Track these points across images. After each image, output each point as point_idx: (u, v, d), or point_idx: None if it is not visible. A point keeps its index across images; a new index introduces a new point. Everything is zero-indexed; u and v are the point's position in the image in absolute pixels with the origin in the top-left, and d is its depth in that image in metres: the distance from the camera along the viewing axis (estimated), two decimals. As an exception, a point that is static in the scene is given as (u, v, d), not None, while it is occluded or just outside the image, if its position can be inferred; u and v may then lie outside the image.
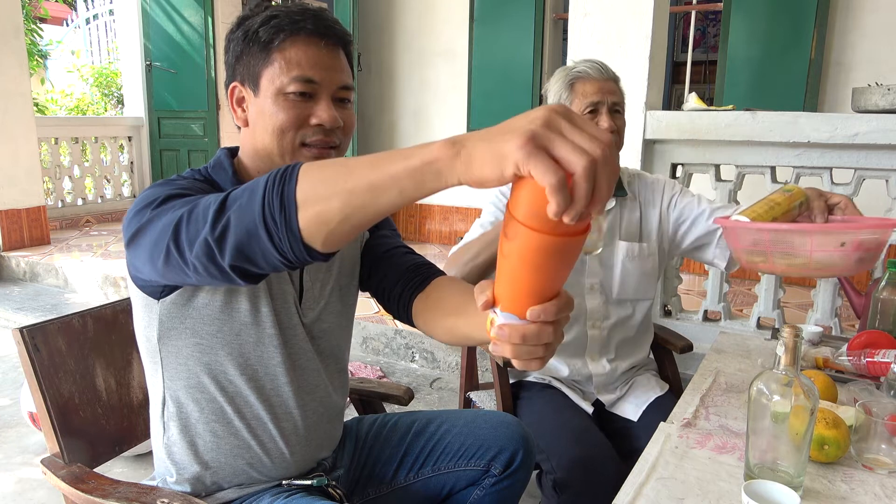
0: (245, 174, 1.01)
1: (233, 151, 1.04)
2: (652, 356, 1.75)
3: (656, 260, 1.61)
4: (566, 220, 0.52)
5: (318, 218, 0.64)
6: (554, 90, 1.51)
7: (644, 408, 1.55)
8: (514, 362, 0.66)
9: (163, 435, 1.06)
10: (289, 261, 0.69)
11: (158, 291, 0.95)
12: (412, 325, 1.08)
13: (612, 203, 1.57)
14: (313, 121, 0.94)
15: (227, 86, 1.01)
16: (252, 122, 0.97)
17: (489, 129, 0.56)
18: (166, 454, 1.06)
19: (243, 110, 0.99)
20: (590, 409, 1.53)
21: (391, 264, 1.13)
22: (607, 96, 1.45)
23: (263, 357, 1.02)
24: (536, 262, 0.59)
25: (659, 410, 1.48)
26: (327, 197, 0.63)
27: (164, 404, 1.04)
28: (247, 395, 1.02)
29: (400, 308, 1.08)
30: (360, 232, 0.69)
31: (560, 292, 0.63)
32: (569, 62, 1.54)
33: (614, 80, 1.49)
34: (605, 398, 1.59)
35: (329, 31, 0.95)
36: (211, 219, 0.71)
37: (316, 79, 0.94)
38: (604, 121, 1.44)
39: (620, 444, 1.52)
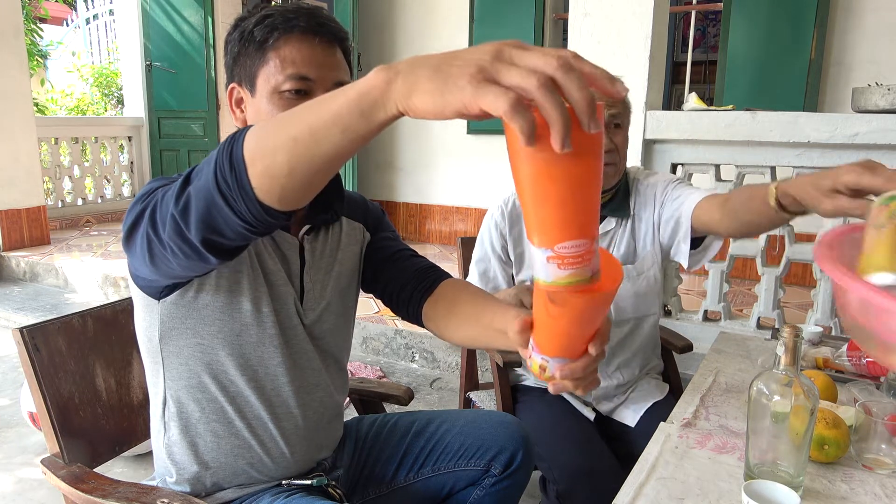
0: None
1: None
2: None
3: (652, 275, 1.54)
4: (557, 147, 0.47)
5: (267, 172, 0.63)
6: None
7: (642, 413, 1.54)
8: (578, 391, 0.71)
9: (163, 435, 1.05)
10: (250, 224, 0.67)
11: (158, 292, 0.95)
12: (420, 325, 1.10)
13: (611, 224, 1.50)
14: None
15: (227, 87, 1.01)
16: (250, 122, 0.97)
17: (430, 56, 0.53)
18: (166, 454, 1.06)
19: (242, 111, 0.99)
20: (591, 416, 1.52)
21: (398, 268, 1.14)
22: (605, 109, 1.35)
23: (264, 357, 1.02)
24: (585, 318, 0.63)
25: (657, 415, 1.47)
26: (273, 149, 0.62)
27: (164, 404, 1.04)
28: (247, 396, 1.02)
29: (410, 311, 1.10)
30: (316, 187, 0.65)
31: None
32: None
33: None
34: (604, 407, 1.57)
35: (323, 28, 0.94)
36: (175, 194, 0.71)
37: (311, 76, 0.93)
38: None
39: (618, 448, 1.51)
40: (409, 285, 1.10)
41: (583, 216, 0.54)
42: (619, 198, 1.50)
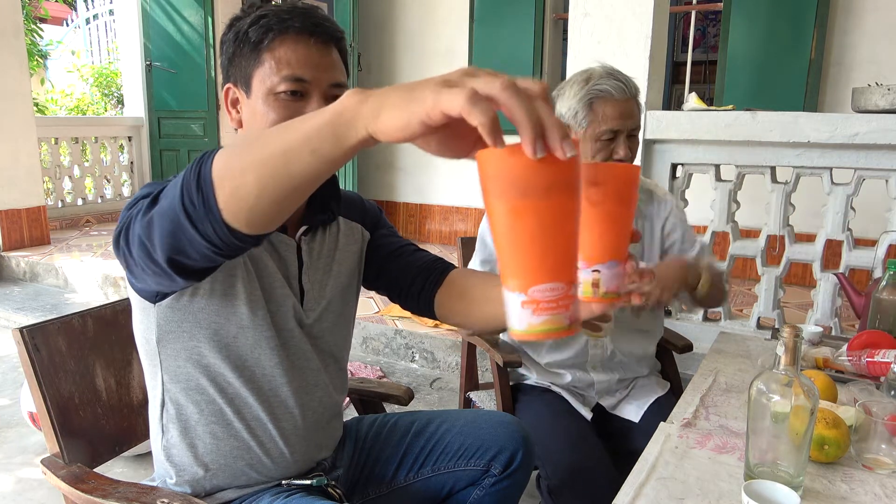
0: None
1: None
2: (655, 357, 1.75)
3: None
4: (529, 152, 0.47)
5: (235, 193, 0.62)
6: (569, 104, 1.39)
7: (645, 409, 1.54)
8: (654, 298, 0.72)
9: (162, 437, 1.05)
10: (216, 246, 0.66)
11: (154, 295, 0.95)
12: (433, 317, 1.11)
13: None
14: None
15: (222, 87, 1.00)
16: (246, 124, 0.97)
17: (405, 83, 0.54)
18: (165, 456, 1.06)
19: (237, 111, 0.99)
20: (588, 416, 1.52)
21: (403, 263, 1.14)
22: (627, 121, 1.36)
23: (261, 359, 1.02)
24: (624, 195, 0.67)
25: (660, 411, 1.47)
26: (242, 169, 0.61)
27: (163, 406, 1.04)
28: (245, 397, 1.02)
29: (421, 304, 1.11)
30: (285, 211, 0.64)
31: None
32: (593, 65, 1.41)
33: (635, 97, 1.40)
34: (607, 402, 1.58)
35: (318, 29, 0.93)
36: (142, 213, 0.71)
37: (306, 77, 0.92)
38: (620, 150, 1.38)
39: (621, 444, 1.51)
40: (418, 279, 1.11)
41: (556, 257, 0.51)
42: None
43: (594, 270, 0.70)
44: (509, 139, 0.47)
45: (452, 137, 0.54)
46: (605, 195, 0.67)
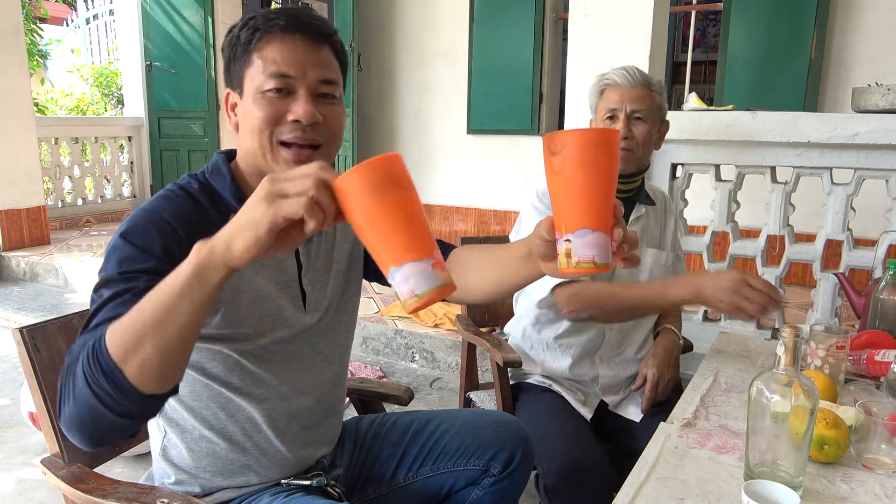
0: (242, 178, 1.00)
1: (229, 155, 1.03)
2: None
3: (671, 266, 1.65)
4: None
5: (142, 365, 0.70)
6: (589, 96, 1.56)
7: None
8: (620, 264, 0.72)
9: (160, 439, 1.05)
10: (136, 417, 0.74)
11: None
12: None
13: (641, 210, 1.60)
14: (289, 117, 0.92)
15: (223, 93, 1.02)
16: (240, 125, 0.97)
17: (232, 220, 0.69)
18: (163, 458, 1.06)
19: (235, 114, 0.99)
20: (588, 416, 1.53)
21: None
22: (627, 104, 1.47)
23: (260, 362, 1.01)
24: (587, 159, 0.69)
25: (661, 410, 1.48)
26: (137, 344, 0.69)
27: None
28: (243, 399, 1.02)
29: None
30: (184, 361, 0.74)
31: None
32: (607, 68, 1.56)
33: (645, 85, 1.50)
34: (610, 399, 1.58)
35: (304, 26, 0.93)
36: (59, 415, 0.76)
37: (291, 73, 0.92)
38: (617, 126, 1.47)
39: (624, 443, 1.52)
40: None
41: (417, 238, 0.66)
42: (643, 189, 1.61)
43: (566, 240, 0.70)
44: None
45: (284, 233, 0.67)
46: (563, 162, 0.68)
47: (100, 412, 0.71)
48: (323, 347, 1.10)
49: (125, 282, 0.83)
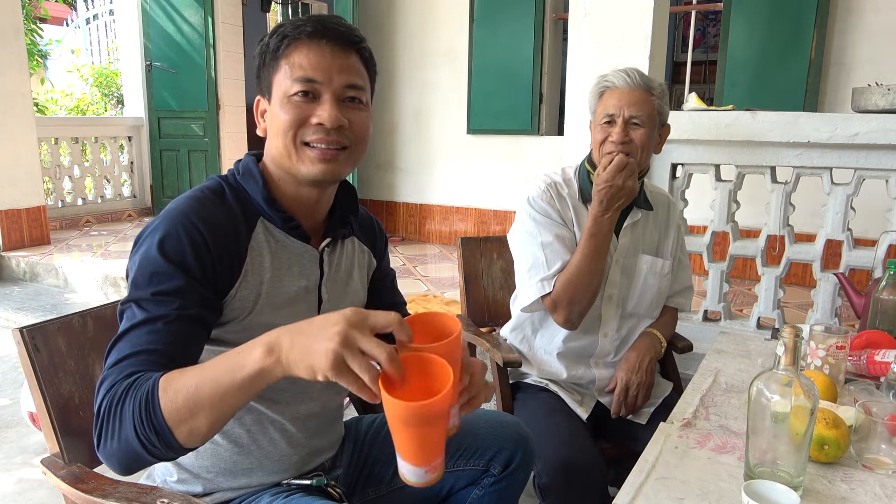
0: (272, 182, 1.02)
1: (258, 157, 1.05)
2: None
3: (669, 273, 1.64)
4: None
5: (192, 431, 0.79)
6: (588, 97, 1.54)
7: (651, 412, 1.55)
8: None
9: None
10: (169, 460, 0.86)
11: None
12: None
13: (637, 216, 1.58)
14: (314, 120, 0.95)
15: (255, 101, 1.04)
16: (269, 130, 0.99)
17: (299, 332, 0.75)
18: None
19: (264, 120, 1.01)
20: (584, 416, 1.53)
21: (374, 294, 1.21)
22: (625, 109, 1.44)
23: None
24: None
25: (663, 411, 1.48)
26: (191, 414, 0.77)
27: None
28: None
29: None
30: (224, 425, 0.83)
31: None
32: (607, 71, 1.53)
33: (645, 89, 1.46)
34: (606, 400, 1.58)
35: (330, 32, 0.95)
36: (97, 443, 0.83)
37: (316, 78, 0.94)
38: (614, 134, 1.44)
39: (627, 445, 1.52)
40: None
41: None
42: (641, 193, 1.58)
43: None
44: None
45: None
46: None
47: (143, 456, 0.80)
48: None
49: (156, 305, 0.87)
